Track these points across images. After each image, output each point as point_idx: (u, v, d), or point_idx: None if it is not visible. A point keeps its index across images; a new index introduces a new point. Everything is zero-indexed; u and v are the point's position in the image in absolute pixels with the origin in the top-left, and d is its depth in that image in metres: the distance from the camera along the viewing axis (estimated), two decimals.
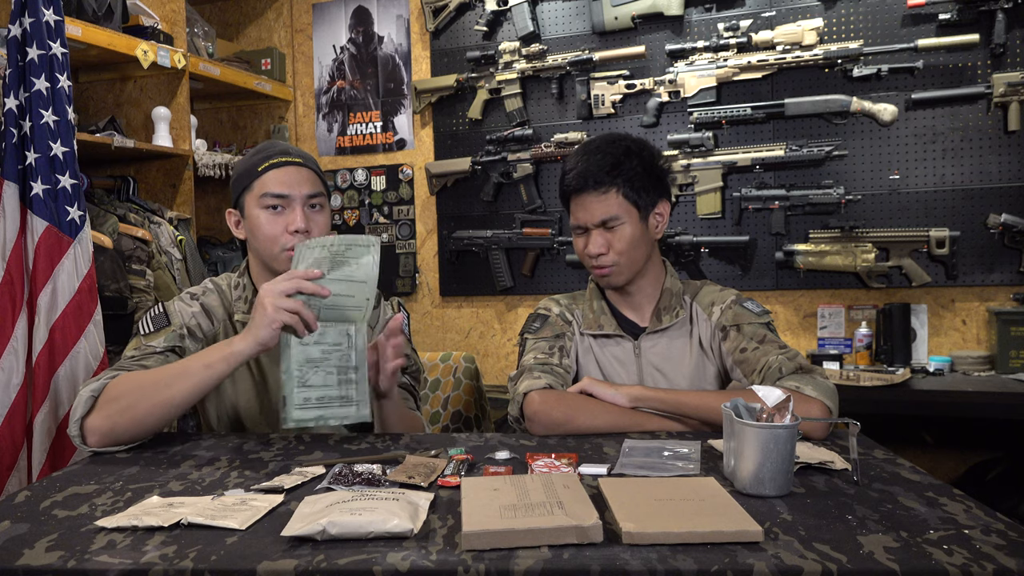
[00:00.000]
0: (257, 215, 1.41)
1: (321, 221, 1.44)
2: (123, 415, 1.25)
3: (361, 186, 3.44)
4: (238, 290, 1.50)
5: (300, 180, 1.42)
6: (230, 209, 1.48)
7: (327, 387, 1.29)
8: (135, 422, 1.26)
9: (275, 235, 1.40)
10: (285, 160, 1.42)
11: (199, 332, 1.45)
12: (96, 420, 1.26)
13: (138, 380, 1.27)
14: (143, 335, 1.41)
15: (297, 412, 1.26)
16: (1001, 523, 0.87)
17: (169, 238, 2.66)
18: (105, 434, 1.26)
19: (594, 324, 1.54)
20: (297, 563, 0.80)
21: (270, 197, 1.40)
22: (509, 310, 3.29)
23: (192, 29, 3.10)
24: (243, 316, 1.46)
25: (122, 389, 1.26)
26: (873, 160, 2.77)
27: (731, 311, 1.49)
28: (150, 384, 1.26)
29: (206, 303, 1.48)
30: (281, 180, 1.40)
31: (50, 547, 0.87)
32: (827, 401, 1.28)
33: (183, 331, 1.43)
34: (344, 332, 1.30)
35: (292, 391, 1.26)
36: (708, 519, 0.84)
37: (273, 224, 1.40)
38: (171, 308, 1.45)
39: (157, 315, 1.44)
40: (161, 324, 1.42)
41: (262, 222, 1.40)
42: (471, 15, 3.24)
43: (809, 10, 2.81)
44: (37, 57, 2.02)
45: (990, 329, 2.64)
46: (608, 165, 1.45)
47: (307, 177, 1.43)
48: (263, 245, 1.41)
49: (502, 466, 1.13)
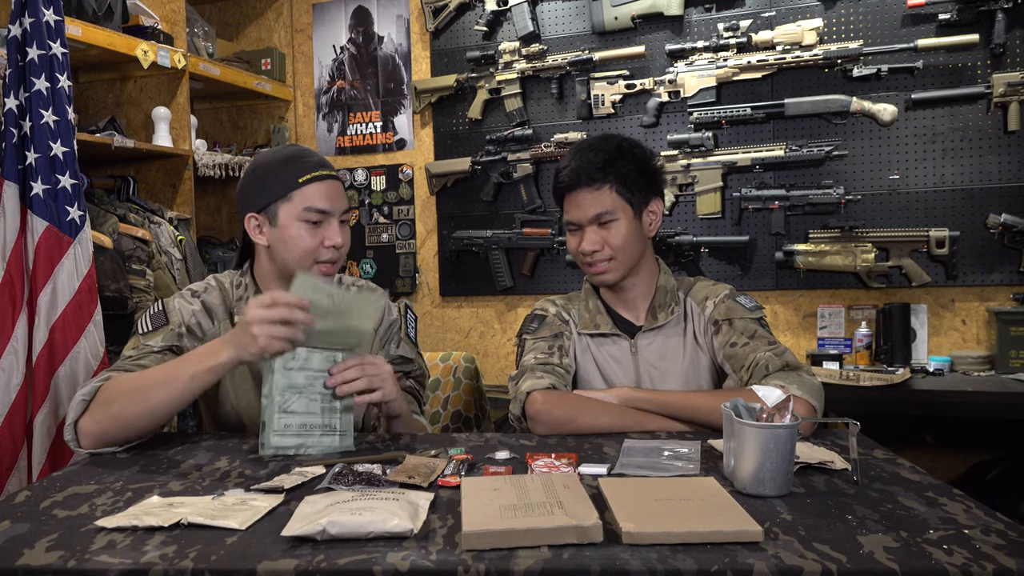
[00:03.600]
0: (295, 227, 1.38)
1: (348, 235, 1.45)
2: (112, 421, 1.25)
3: (361, 186, 3.44)
4: (239, 289, 1.49)
5: (339, 194, 1.42)
6: (252, 214, 1.42)
7: (310, 414, 1.24)
8: (123, 427, 1.26)
9: (312, 248, 1.39)
10: (327, 174, 1.42)
11: (199, 331, 1.44)
12: (88, 424, 1.26)
13: (127, 385, 1.27)
14: (141, 334, 1.41)
15: (276, 439, 1.22)
16: (1001, 523, 0.87)
17: (169, 238, 2.66)
18: (96, 436, 1.26)
19: (590, 324, 1.55)
20: (297, 563, 0.80)
21: (314, 212, 1.38)
22: (509, 310, 3.29)
23: (192, 29, 3.10)
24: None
25: (111, 394, 1.27)
26: (873, 160, 2.77)
27: (724, 305, 1.49)
28: (138, 390, 1.25)
29: (207, 301, 1.47)
30: (325, 194, 1.40)
31: (50, 547, 0.87)
32: (812, 400, 1.29)
33: (182, 329, 1.42)
34: (331, 359, 1.27)
35: (272, 416, 1.22)
36: (708, 519, 0.84)
37: (312, 238, 1.39)
38: (170, 306, 1.44)
39: (156, 313, 1.43)
40: (159, 323, 1.41)
41: (302, 235, 1.38)
42: (471, 15, 3.24)
43: (809, 10, 2.81)
44: (37, 57, 2.02)
45: (990, 329, 2.64)
46: (601, 162, 1.46)
47: (341, 191, 1.44)
48: (296, 256, 1.39)
49: (502, 466, 1.13)
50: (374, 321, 1.33)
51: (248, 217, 1.43)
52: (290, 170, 1.40)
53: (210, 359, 1.24)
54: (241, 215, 1.45)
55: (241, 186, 1.46)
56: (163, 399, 1.24)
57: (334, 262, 1.42)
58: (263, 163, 1.44)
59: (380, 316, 1.29)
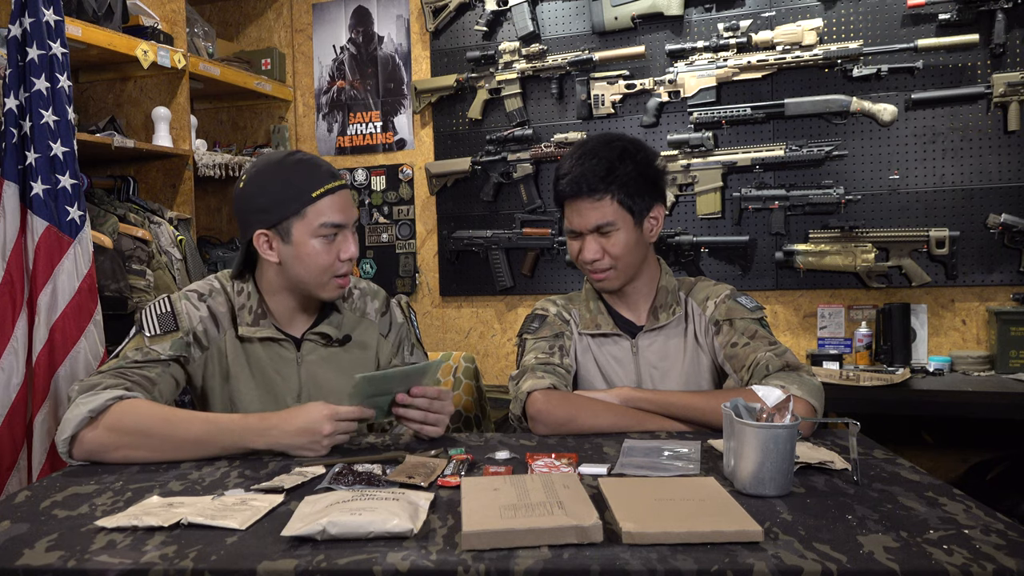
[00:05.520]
0: (311, 244, 1.34)
1: (357, 241, 1.42)
2: (119, 451, 1.22)
3: (361, 186, 3.44)
4: (242, 297, 1.43)
5: (351, 204, 1.39)
6: (263, 231, 1.35)
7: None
8: (127, 459, 1.23)
9: (329, 263, 1.36)
10: (339, 185, 1.37)
11: (204, 340, 1.40)
12: (90, 441, 1.21)
13: (148, 422, 1.22)
14: (148, 336, 1.35)
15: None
16: (1001, 523, 0.87)
17: (169, 238, 2.66)
18: (93, 454, 1.22)
19: (591, 324, 1.54)
20: (297, 563, 0.80)
21: (329, 227, 1.34)
22: (509, 310, 3.29)
23: (192, 29, 3.10)
24: (247, 330, 1.41)
25: (127, 424, 1.21)
26: (873, 160, 2.77)
27: (724, 305, 1.49)
28: (160, 438, 1.21)
29: (213, 307, 1.42)
30: (339, 208, 1.36)
31: (50, 547, 0.87)
32: (812, 400, 1.29)
33: (189, 338, 1.38)
34: (407, 377, 1.30)
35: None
36: (708, 519, 0.84)
37: (328, 253, 1.35)
38: (179, 308, 1.39)
39: (164, 314, 1.38)
40: (168, 327, 1.37)
41: (318, 251, 1.34)
42: (471, 15, 3.24)
43: (809, 10, 2.81)
44: (37, 57, 2.02)
45: (990, 329, 2.64)
46: (603, 171, 1.42)
47: (352, 200, 1.40)
48: (313, 274, 1.36)
49: (502, 466, 1.13)
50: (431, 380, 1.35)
51: (258, 234, 1.36)
52: (301, 184, 1.34)
53: (252, 442, 1.22)
54: (244, 228, 1.38)
55: (244, 199, 1.38)
56: (187, 455, 1.22)
57: (349, 274, 1.41)
58: (268, 175, 1.36)
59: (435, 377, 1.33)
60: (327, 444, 1.21)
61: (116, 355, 1.36)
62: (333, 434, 1.20)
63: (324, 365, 1.46)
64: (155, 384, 1.33)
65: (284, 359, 1.44)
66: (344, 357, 1.49)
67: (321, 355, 1.46)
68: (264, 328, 1.42)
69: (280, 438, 1.21)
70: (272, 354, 1.44)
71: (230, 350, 1.42)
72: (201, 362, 1.42)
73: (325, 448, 1.21)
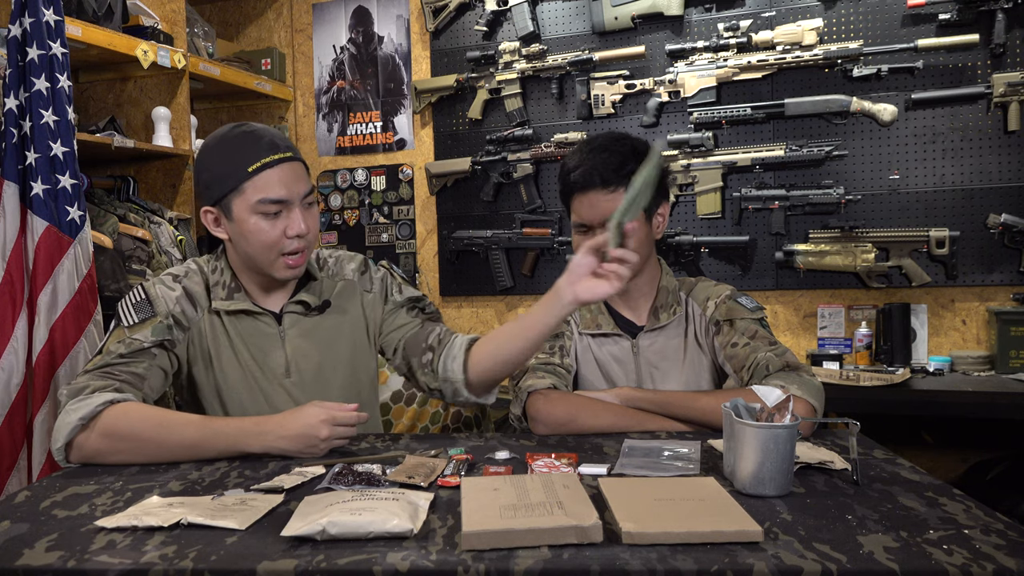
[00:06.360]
0: (253, 221, 1.29)
1: (314, 219, 1.36)
2: (115, 456, 1.21)
3: (361, 186, 3.44)
4: (216, 274, 1.40)
5: (296, 178, 1.32)
6: (207, 208, 1.33)
7: None
8: (121, 462, 1.22)
9: (274, 241, 1.31)
10: (280, 157, 1.30)
11: (184, 320, 1.36)
12: (85, 446, 1.21)
13: (141, 430, 1.20)
14: (127, 326, 1.32)
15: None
16: (1001, 523, 0.87)
17: (169, 238, 2.66)
18: (90, 458, 1.22)
19: (592, 323, 1.54)
20: (297, 563, 0.80)
21: (269, 203, 1.29)
22: (509, 310, 3.29)
23: (192, 29, 3.10)
24: (221, 304, 1.38)
25: (121, 428, 1.20)
26: (873, 160, 2.77)
27: (725, 306, 1.49)
28: (155, 443, 1.20)
29: (189, 287, 1.39)
30: (280, 181, 1.29)
31: (50, 547, 0.87)
32: (812, 400, 1.29)
33: (169, 320, 1.34)
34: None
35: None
36: (708, 519, 0.84)
37: (272, 230, 1.30)
38: (153, 293, 1.36)
39: (140, 302, 1.34)
40: (146, 314, 1.33)
41: (261, 228, 1.30)
42: (471, 15, 3.24)
43: (809, 10, 2.81)
44: (37, 57, 2.02)
45: (990, 329, 2.64)
46: (616, 163, 1.43)
47: (300, 173, 1.33)
48: (258, 251, 1.32)
49: (502, 466, 1.13)
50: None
51: (204, 211, 1.34)
52: (238, 158, 1.29)
53: (247, 446, 1.20)
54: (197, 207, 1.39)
55: (195, 175, 1.37)
56: (183, 457, 1.22)
57: (300, 251, 1.34)
58: (211, 150, 1.33)
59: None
60: (324, 448, 1.20)
61: (100, 351, 1.33)
62: (330, 438, 1.19)
63: (308, 339, 1.42)
64: (144, 379, 1.30)
65: (266, 335, 1.40)
66: (325, 325, 1.44)
67: (304, 327, 1.42)
68: (238, 301, 1.38)
69: (276, 442, 1.20)
70: (253, 330, 1.39)
71: (208, 330, 1.39)
72: (184, 344, 1.38)
73: (322, 452, 1.20)
